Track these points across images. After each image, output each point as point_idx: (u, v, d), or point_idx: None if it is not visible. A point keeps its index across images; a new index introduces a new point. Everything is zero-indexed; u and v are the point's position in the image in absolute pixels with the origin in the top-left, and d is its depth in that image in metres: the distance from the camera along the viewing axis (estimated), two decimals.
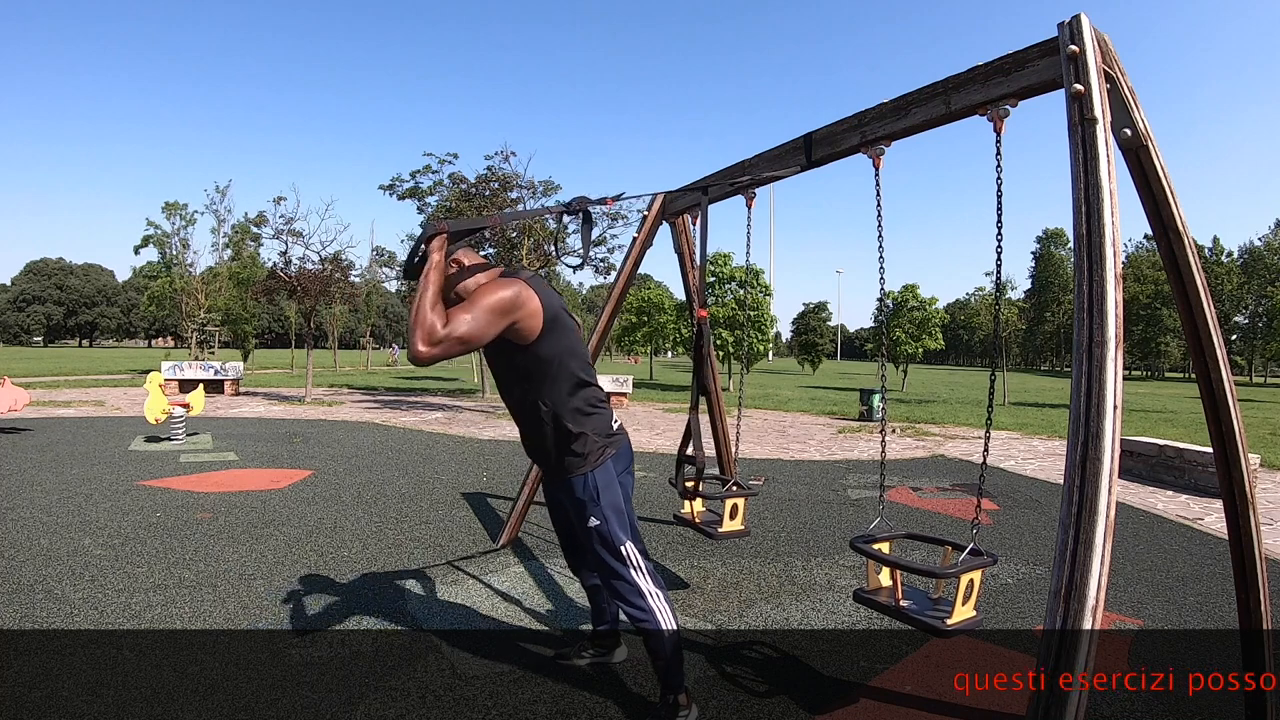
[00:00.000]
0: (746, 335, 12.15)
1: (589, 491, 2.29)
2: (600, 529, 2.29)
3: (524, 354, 2.19)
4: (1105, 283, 1.76)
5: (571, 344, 2.25)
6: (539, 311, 2.14)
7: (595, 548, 2.33)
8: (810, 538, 4.85)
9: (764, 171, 3.17)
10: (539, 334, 2.16)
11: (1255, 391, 36.48)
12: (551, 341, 2.18)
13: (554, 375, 2.21)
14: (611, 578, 2.33)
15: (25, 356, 40.41)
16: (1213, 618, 3.50)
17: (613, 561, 2.31)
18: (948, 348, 53.80)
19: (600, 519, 2.29)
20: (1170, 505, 6.26)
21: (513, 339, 2.15)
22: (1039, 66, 2.11)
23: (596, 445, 2.30)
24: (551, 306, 2.19)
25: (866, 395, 13.95)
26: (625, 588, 2.31)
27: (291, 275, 14.82)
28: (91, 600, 3.34)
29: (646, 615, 2.30)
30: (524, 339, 2.15)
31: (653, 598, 2.31)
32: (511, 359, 2.23)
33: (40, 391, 14.84)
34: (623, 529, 2.33)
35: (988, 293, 27.82)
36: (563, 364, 2.22)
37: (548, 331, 2.17)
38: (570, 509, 2.38)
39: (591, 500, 2.29)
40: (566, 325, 2.24)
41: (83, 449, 7.68)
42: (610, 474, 2.34)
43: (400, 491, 5.98)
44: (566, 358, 2.22)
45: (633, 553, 2.33)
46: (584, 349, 2.34)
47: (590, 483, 2.29)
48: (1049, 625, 1.65)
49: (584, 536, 2.35)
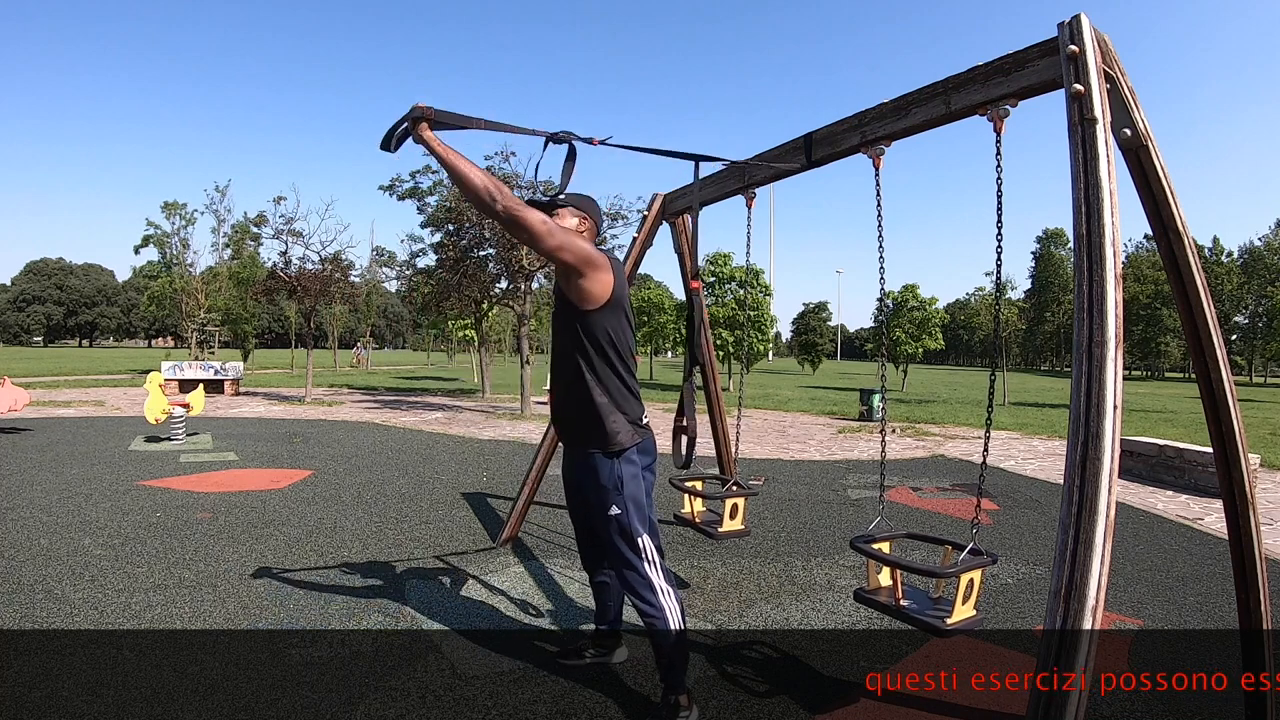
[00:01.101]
0: (746, 335, 12.15)
1: (613, 479, 2.33)
2: (620, 518, 2.33)
3: (584, 319, 2.30)
4: (1105, 283, 1.75)
5: (624, 329, 2.37)
6: (610, 284, 2.28)
7: (613, 537, 2.35)
8: (810, 538, 4.85)
9: (764, 172, 3.17)
10: (602, 305, 2.28)
11: (1255, 391, 36.46)
12: (610, 317, 2.31)
13: (603, 348, 2.31)
14: (625, 569, 2.36)
15: (25, 356, 40.42)
16: (1213, 618, 3.50)
17: (629, 553, 2.34)
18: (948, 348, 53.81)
19: (621, 508, 2.33)
20: (1170, 505, 6.25)
21: (578, 300, 2.27)
22: (1039, 66, 2.10)
23: (625, 428, 2.35)
24: (621, 287, 2.34)
25: (866, 395, 13.95)
26: (638, 580, 2.34)
27: (291, 275, 14.83)
28: (91, 600, 3.34)
29: (656, 611, 2.31)
30: (589, 302, 2.27)
31: (664, 594, 2.33)
32: (572, 320, 2.33)
33: (40, 391, 14.84)
34: (641, 522, 2.36)
35: (988, 293, 27.82)
36: (613, 342, 2.32)
37: (611, 306, 2.30)
38: (591, 494, 2.39)
39: (615, 489, 2.33)
40: (625, 310, 2.38)
41: (83, 449, 7.68)
42: (635, 466, 2.38)
43: (400, 491, 5.98)
44: (617, 338, 2.33)
45: (649, 547, 2.36)
46: (633, 343, 2.44)
47: (615, 470, 2.33)
48: (1049, 625, 1.65)
49: (602, 525, 2.38)
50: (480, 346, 20.33)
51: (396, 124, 2.11)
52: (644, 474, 2.43)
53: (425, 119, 2.07)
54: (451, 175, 2.07)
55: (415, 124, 2.07)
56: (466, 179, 2.03)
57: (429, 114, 2.07)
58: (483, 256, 13.48)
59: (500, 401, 16.26)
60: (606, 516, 2.35)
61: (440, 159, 2.05)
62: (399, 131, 2.11)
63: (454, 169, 2.03)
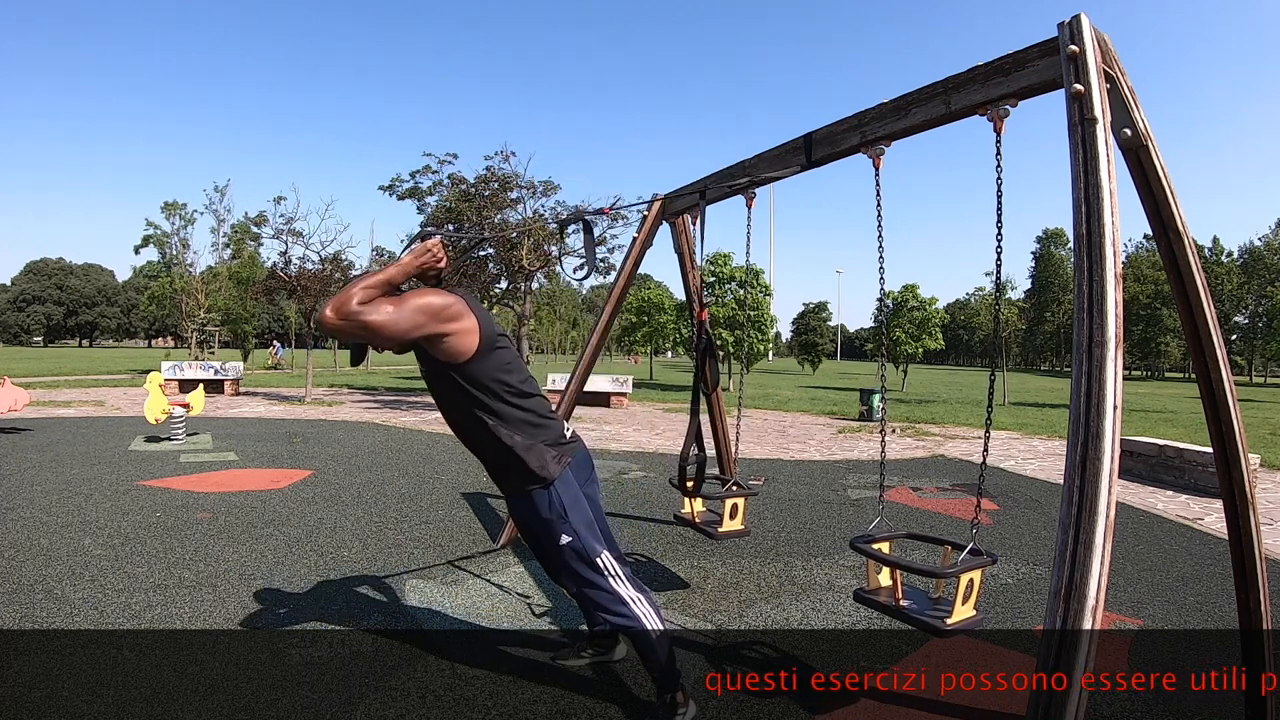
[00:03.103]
0: (746, 335, 12.15)
1: (555, 509, 2.26)
2: (574, 544, 2.27)
3: (461, 371, 2.15)
4: (1105, 283, 1.76)
5: (509, 359, 2.23)
6: (475, 329, 2.13)
7: (570, 564, 2.29)
8: (810, 538, 4.85)
9: (764, 172, 3.17)
10: (475, 352, 2.13)
11: (1255, 391, 36.47)
12: (490, 359, 2.16)
13: (495, 390, 2.18)
14: (588, 589, 2.30)
15: (25, 356, 40.40)
16: (1213, 618, 3.50)
17: (590, 574, 2.29)
18: (948, 348, 53.78)
19: (571, 534, 2.27)
20: (1170, 505, 6.25)
21: (447, 358, 2.13)
22: (1039, 66, 2.11)
23: (551, 456, 2.26)
24: (489, 325, 2.19)
25: (866, 395, 13.95)
26: (605, 597, 2.29)
27: (291, 275, 14.83)
28: (91, 600, 3.34)
29: (631, 620, 2.28)
30: (459, 356, 2.12)
31: (634, 603, 2.30)
32: (450, 379, 2.18)
33: (40, 391, 14.84)
34: (596, 540, 2.32)
35: (988, 293, 27.84)
36: (501, 379, 2.19)
37: (486, 350, 2.15)
38: (539, 530, 2.31)
39: (560, 517, 2.26)
40: (503, 344, 2.23)
41: (83, 449, 7.68)
42: (574, 487, 2.31)
43: (400, 491, 5.98)
44: (504, 373, 2.19)
45: (609, 562, 2.32)
46: (521, 363, 2.30)
47: (555, 499, 2.25)
48: (1049, 625, 1.65)
49: (556, 555, 2.31)
50: None
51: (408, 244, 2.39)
52: (586, 488, 2.37)
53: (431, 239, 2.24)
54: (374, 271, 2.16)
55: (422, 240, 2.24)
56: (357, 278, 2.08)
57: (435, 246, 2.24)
58: (483, 257, 13.50)
59: None
60: (559, 547, 2.28)
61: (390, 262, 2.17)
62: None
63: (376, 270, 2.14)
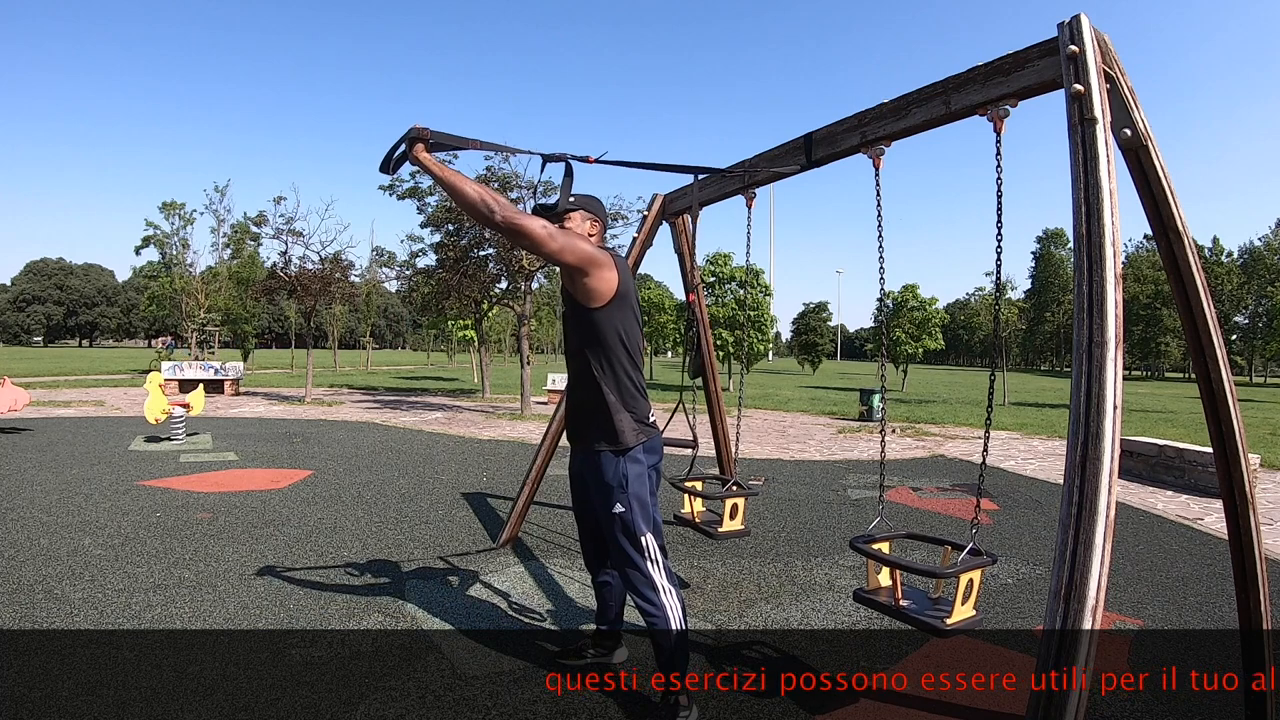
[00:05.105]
0: (746, 335, 12.14)
1: (618, 477, 2.35)
2: (624, 516, 2.34)
3: (591, 316, 2.33)
4: (1105, 283, 1.76)
5: (632, 326, 2.40)
6: (615, 281, 2.32)
7: (616, 535, 2.36)
8: (810, 538, 4.85)
9: (764, 171, 3.17)
10: (608, 301, 2.32)
11: (1255, 391, 36.45)
12: (617, 313, 2.35)
13: (612, 346, 2.35)
14: (628, 567, 2.37)
15: (25, 356, 40.41)
16: (1213, 618, 3.50)
17: (631, 551, 2.35)
18: (948, 348, 53.80)
19: (625, 506, 2.34)
20: (1170, 505, 6.25)
21: (584, 299, 2.32)
22: (1039, 67, 2.11)
23: (632, 426, 2.37)
24: (626, 284, 2.38)
25: (866, 395, 13.95)
26: (640, 579, 2.35)
27: (291, 275, 14.83)
28: (91, 600, 3.34)
29: (657, 610, 2.32)
30: (595, 300, 2.31)
31: (665, 593, 2.34)
32: (580, 317, 2.36)
33: (40, 391, 14.84)
34: (645, 521, 2.37)
35: (988, 293, 27.83)
36: (621, 340, 2.36)
37: (617, 303, 2.34)
38: (595, 491, 2.41)
39: (619, 486, 2.34)
40: (633, 306, 2.42)
41: (83, 449, 7.68)
42: (641, 465, 2.40)
43: (400, 491, 5.98)
44: (625, 336, 2.37)
45: (651, 546, 2.37)
46: (641, 340, 2.48)
47: (620, 468, 2.35)
48: (1049, 625, 1.65)
49: (606, 523, 2.39)
50: (480, 347, 20.33)
51: (394, 146, 2.16)
52: (649, 473, 2.44)
53: (422, 140, 2.12)
54: (449, 192, 2.12)
55: (412, 145, 2.13)
56: (463, 194, 2.08)
57: (425, 135, 2.12)
58: (483, 256, 13.50)
59: (500, 402, 16.25)
60: (610, 515, 2.36)
61: (437, 178, 2.10)
62: (397, 154, 2.16)
63: (451, 186, 2.09)
